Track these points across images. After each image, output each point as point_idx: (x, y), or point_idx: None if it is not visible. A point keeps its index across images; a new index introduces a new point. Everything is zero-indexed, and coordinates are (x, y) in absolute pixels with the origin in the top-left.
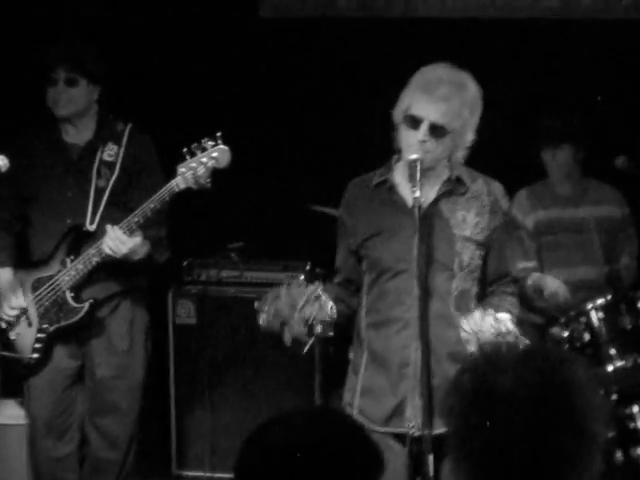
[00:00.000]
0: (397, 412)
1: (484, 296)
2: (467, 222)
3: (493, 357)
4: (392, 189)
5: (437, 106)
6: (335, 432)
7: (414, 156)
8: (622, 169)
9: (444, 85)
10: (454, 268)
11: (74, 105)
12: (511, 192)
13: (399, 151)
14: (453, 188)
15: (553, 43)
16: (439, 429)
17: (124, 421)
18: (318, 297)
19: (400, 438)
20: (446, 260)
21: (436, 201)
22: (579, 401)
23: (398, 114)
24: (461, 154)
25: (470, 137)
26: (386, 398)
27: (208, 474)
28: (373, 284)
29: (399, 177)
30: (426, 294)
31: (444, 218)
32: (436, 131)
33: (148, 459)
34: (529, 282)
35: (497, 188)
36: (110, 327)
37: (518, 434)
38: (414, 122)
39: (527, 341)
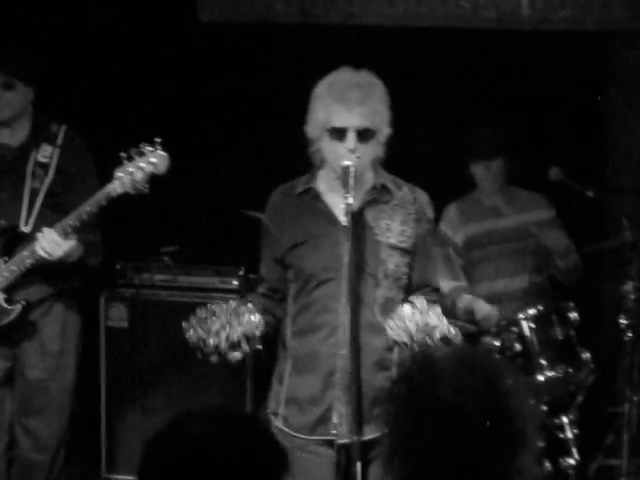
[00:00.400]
0: (323, 420)
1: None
2: (392, 230)
3: (429, 366)
4: (317, 197)
5: (357, 112)
6: (237, 430)
7: (347, 162)
8: (556, 180)
9: (356, 89)
10: (379, 276)
11: (11, 109)
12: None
13: (320, 162)
14: (378, 196)
15: (489, 54)
16: (367, 436)
17: (53, 423)
18: (241, 314)
19: (329, 444)
20: (371, 268)
21: (361, 210)
22: (517, 405)
23: (315, 129)
24: (380, 150)
25: (387, 131)
26: (312, 406)
27: (137, 478)
28: (299, 293)
29: (323, 186)
30: (356, 302)
31: (369, 226)
32: (363, 135)
33: (77, 462)
34: (460, 305)
35: (422, 196)
36: (42, 329)
37: (460, 441)
38: (339, 133)
39: (457, 332)
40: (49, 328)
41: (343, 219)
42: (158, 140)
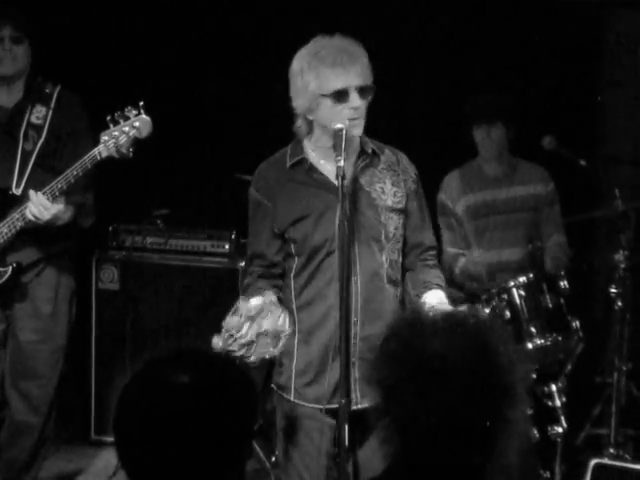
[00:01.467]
0: (317, 383)
1: (404, 266)
2: (386, 192)
3: (417, 323)
4: (312, 168)
5: (354, 71)
6: (210, 373)
7: (339, 125)
8: (549, 149)
9: (344, 52)
10: (382, 240)
11: (17, 64)
12: (437, 171)
13: (308, 133)
14: (369, 161)
15: (485, 21)
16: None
17: (45, 385)
18: (271, 311)
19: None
20: (375, 232)
21: (355, 177)
22: (505, 362)
23: (307, 100)
24: None
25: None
26: (326, 375)
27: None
28: (304, 266)
29: (314, 155)
30: (350, 269)
31: (365, 191)
32: (364, 92)
33: (67, 424)
34: (456, 271)
35: (403, 156)
36: (34, 291)
37: (450, 396)
38: (341, 95)
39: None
40: (41, 291)
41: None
42: (141, 104)
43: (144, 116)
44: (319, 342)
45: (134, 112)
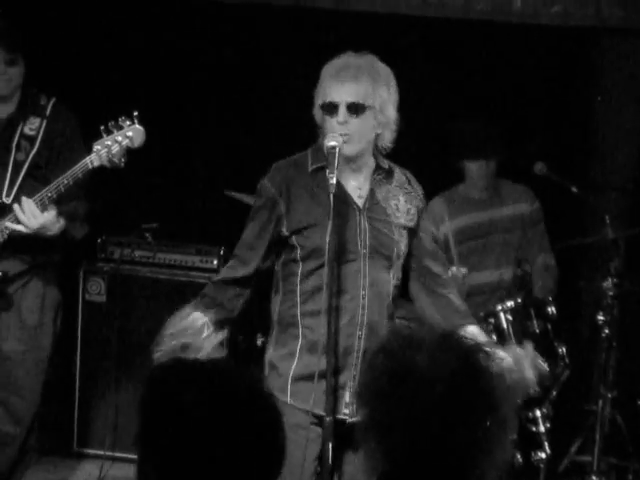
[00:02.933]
0: (336, 398)
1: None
2: (400, 210)
3: (408, 338)
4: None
5: (348, 87)
6: (230, 392)
7: (332, 143)
8: (540, 175)
9: (352, 68)
10: (393, 257)
11: (12, 83)
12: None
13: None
14: (384, 177)
15: (479, 46)
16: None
17: (28, 396)
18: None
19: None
20: (387, 250)
21: (372, 192)
22: (491, 384)
23: (317, 110)
24: (389, 136)
25: (393, 115)
26: (323, 385)
27: (109, 452)
28: (311, 273)
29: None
30: (371, 284)
31: (382, 207)
32: (354, 109)
33: (50, 436)
34: None
35: (411, 176)
36: (20, 301)
37: (432, 412)
38: (331, 108)
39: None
40: (27, 301)
41: (356, 198)
42: (135, 114)
43: (137, 126)
44: (325, 351)
45: (127, 122)
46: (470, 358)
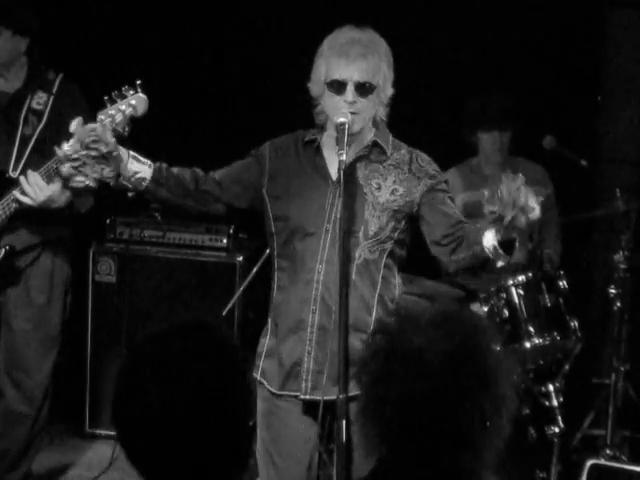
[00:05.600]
0: (292, 374)
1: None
2: (382, 189)
3: (406, 318)
4: (317, 150)
5: (357, 65)
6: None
7: (342, 119)
8: (549, 149)
9: (358, 45)
10: (359, 236)
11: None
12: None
13: (324, 120)
14: (370, 153)
15: (487, 18)
16: (329, 395)
17: (38, 375)
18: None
19: (308, 403)
20: (353, 226)
21: (352, 165)
22: (489, 363)
23: (317, 84)
24: (382, 111)
25: (390, 92)
26: (283, 361)
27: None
28: (283, 246)
29: (326, 140)
30: (345, 260)
31: (358, 184)
32: (362, 89)
33: (61, 416)
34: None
35: (421, 155)
36: (29, 279)
37: (429, 391)
38: (339, 86)
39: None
40: (36, 278)
41: (335, 176)
42: (139, 82)
43: (141, 94)
44: (286, 326)
45: (131, 91)
46: (467, 337)
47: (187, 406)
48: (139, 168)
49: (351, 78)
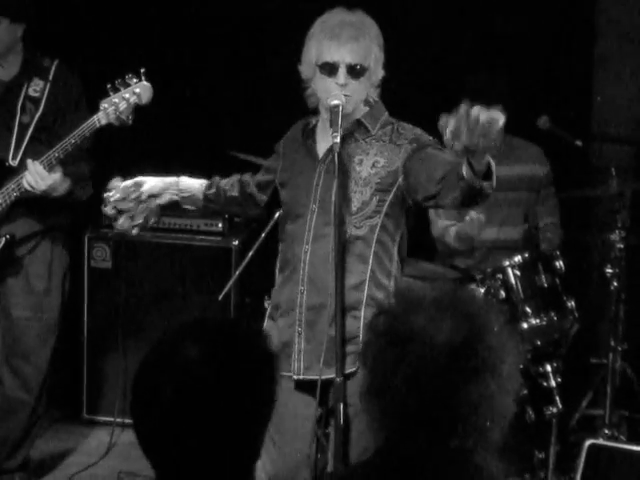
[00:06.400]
0: (284, 355)
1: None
2: (363, 164)
3: (408, 300)
4: (310, 132)
5: (349, 48)
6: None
7: (335, 101)
8: (544, 129)
9: (349, 27)
10: (343, 212)
11: None
12: None
13: (314, 103)
14: (354, 132)
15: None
16: (325, 375)
17: (37, 363)
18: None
19: (304, 383)
20: (339, 204)
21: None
22: (494, 343)
23: (308, 67)
24: (373, 92)
25: (381, 74)
26: (274, 341)
27: (119, 419)
28: (282, 230)
29: (319, 124)
30: (314, 239)
31: (342, 162)
32: (354, 72)
33: (59, 403)
34: (452, 235)
35: (402, 124)
36: (28, 267)
37: (432, 373)
38: (331, 68)
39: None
40: (35, 266)
41: (321, 154)
42: (142, 70)
43: (145, 82)
44: (280, 307)
45: (134, 80)
46: (471, 318)
47: (208, 410)
48: (190, 189)
49: (343, 60)
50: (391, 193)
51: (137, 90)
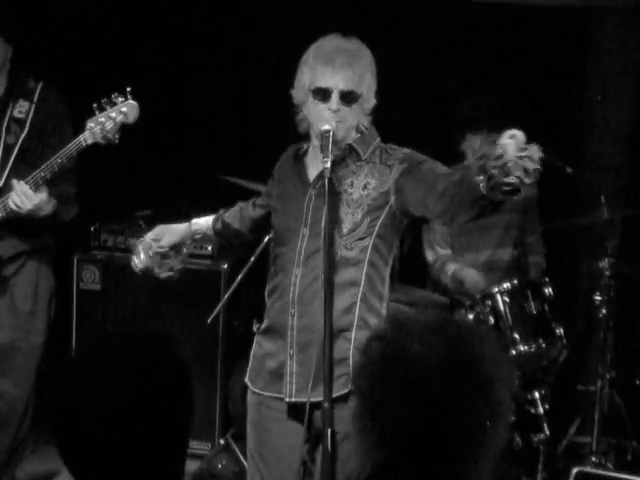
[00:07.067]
0: (276, 376)
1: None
2: (354, 186)
3: (402, 323)
4: (301, 158)
5: (342, 74)
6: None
7: (326, 127)
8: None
9: (343, 53)
10: (334, 234)
11: None
12: None
13: (307, 128)
14: (345, 155)
15: (473, 26)
16: (315, 398)
17: (22, 384)
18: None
19: (281, 401)
20: (331, 226)
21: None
22: (487, 369)
23: (300, 92)
24: (365, 120)
25: (373, 102)
26: (266, 363)
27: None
28: (273, 254)
29: (311, 147)
30: (305, 261)
31: (332, 185)
32: (347, 98)
33: (46, 424)
34: (449, 273)
35: (392, 148)
36: (14, 288)
37: (426, 397)
38: (324, 94)
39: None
40: (21, 287)
41: (312, 179)
42: (129, 89)
43: (131, 101)
44: (271, 330)
45: (120, 98)
46: (464, 343)
47: (126, 416)
48: (201, 229)
49: (336, 86)
50: (383, 214)
51: (124, 109)
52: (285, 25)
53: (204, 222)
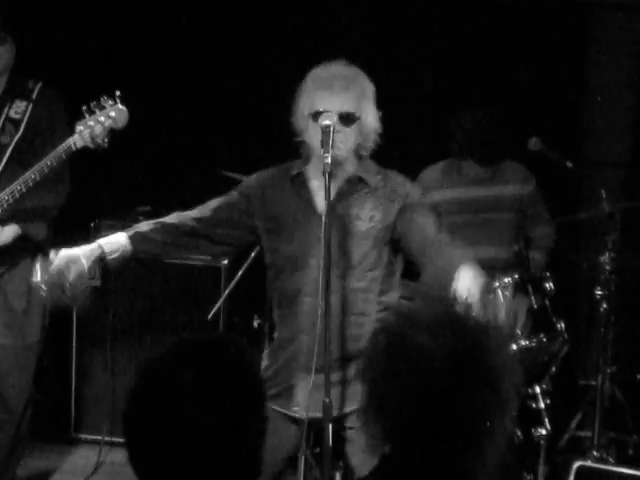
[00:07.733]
0: (284, 395)
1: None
2: (361, 218)
3: (409, 317)
4: (303, 183)
5: (340, 97)
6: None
7: (327, 122)
8: (535, 150)
9: (341, 78)
10: (343, 266)
11: (2, 62)
12: None
13: (308, 154)
14: (352, 187)
15: (472, 22)
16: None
17: (18, 383)
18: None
19: (288, 418)
20: (339, 258)
21: (338, 198)
22: (493, 362)
23: (300, 118)
24: (367, 146)
25: (374, 126)
26: (279, 382)
27: (106, 438)
28: (276, 278)
29: (312, 173)
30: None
31: (340, 216)
32: (345, 120)
33: (46, 422)
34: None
35: (394, 176)
36: (7, 285)
37: (433, 389)
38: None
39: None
40: (13, 285)
41: (321, 208)
42: (118, 94)
43: (120, 106)
44: (283, 352)
45: (110, 102)
46: (471, 335)
47: (201, 428)
48: (116, 250)
49: (334, 109)
50: (389, 245)
51: (112, 114)
52: (285, 22)
53: (115, 240)
